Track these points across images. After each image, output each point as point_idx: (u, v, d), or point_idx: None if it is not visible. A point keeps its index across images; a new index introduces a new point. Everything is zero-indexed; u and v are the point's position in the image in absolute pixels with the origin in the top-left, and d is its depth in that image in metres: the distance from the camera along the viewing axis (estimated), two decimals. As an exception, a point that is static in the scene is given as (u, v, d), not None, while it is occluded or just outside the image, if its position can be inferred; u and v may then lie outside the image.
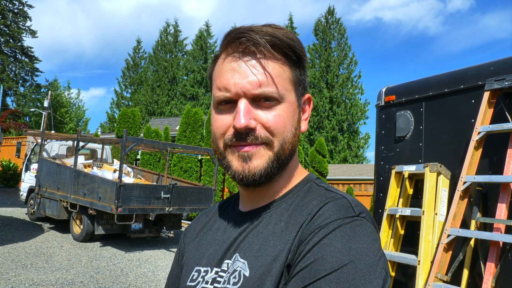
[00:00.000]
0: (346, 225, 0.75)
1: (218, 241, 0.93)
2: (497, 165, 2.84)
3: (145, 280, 7.41)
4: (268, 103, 0.83)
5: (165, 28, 50.21)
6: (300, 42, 0.86)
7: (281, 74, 0.84)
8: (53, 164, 11.44)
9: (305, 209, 0.83)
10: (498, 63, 2.94)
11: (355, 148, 41.86)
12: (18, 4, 40.64)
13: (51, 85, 48.45)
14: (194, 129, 16.63)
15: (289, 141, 0.85)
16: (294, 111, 0.87)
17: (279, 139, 0.84)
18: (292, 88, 0.87)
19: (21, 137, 23.34)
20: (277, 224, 0.85)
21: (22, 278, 6.81)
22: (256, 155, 0.83)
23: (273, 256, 0.80)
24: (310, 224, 0.78)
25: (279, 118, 0.83)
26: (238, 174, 0.85)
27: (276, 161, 0.84)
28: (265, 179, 0.85)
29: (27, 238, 10.14)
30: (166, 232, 10.49)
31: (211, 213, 1.07)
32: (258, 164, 0.83)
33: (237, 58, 0.83)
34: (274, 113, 0.83)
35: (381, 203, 3.58)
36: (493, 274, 2.61)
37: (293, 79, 0.87)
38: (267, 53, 0.83)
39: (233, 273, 0.83)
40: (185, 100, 45.70)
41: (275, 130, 0.83)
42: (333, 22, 44.56)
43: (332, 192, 0.85)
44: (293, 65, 0.87)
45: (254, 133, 0.82)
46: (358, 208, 0.79)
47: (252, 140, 0.83)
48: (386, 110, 3.70)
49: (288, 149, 0.86)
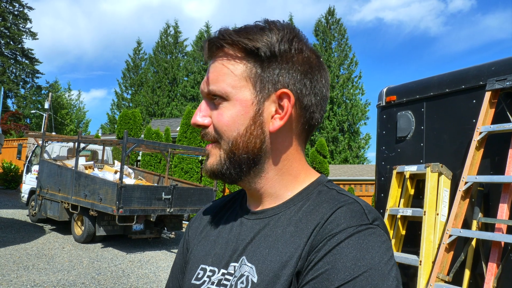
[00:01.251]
0: (360, 233, 0.72)
1: (225, 240, 0.91)
2: (498, 165, 2.84)
3: (146, 281, 7.41)
4: (216, 101, 0.83)
5: (165, 29, 50.23)
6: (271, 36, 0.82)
7: (234, 70, 0.82)
8: (54, 165, 11.45)
9: (316, 213, 0.80)
10: (499, 63, 2.95)
11: (355, 149, 41.83)
12: (18, 6, 40.68)
13: (52, 87, 48.53)
14: (194, 130, 16.63)
15: (238, 140, 0.82)
16: (245, 109, 0.82)
17: (224, 138, 0.83)
18: (247, 85, 0.82)
19: (22, 139, 23.37)
20: (287, 228, 0.82)
21: (24, 280, 6.81)
22: (211, 153, 0.87)
23: (282, 262, 0.77)
24: (322, 230, 0.75)
25: (221, 116, 0.83)
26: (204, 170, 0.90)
27: (228, 160, 0.84)
28: (223, 177, 0.86)
29: (29, 239, 10.14)
30: (167, 233, 10.48)
31: (218, 207, 1.04)
32: (211, 162, 0.86)
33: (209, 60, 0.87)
34: (218, 111, 0.83)
35: (382, 204, 3.58)
36: (494, 275, 2.61)
37: (250, 76, 0.82)
38: (220, 53, 0.84)
39: (240, 278, 0.81)
40: (186, 101, 45.68)
41: (218, 129, 0.83)
42: (333, 22, 44.56)
43: (344, 195, 0.82)
44: (255, 60, 0.82)
45: (205, 132, 0.86)
46: (372, 215, 0.76)
47: (204, 137, 0.87)
48: (387, 110, 3.71)
49: (241, 148, 0.83)
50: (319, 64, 0.88)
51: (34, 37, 42.25)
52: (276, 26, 0.83)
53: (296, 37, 0.84)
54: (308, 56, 0.86)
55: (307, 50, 0.86)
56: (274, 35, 0.82)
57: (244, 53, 0.82)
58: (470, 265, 2.84)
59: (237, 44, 0.82)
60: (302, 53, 0.85)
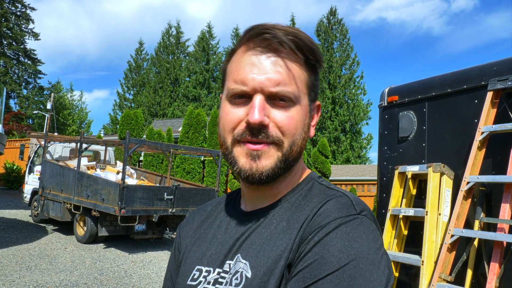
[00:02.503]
0: (347, 223, 0.74)
1: (220, 240, 0.92)
2: (500, 165, 2.84)
3: (148, 281, 7.42)
4: (283, 103, 0.82)
5: (167, 29, 50.31)
6: (319, 48, 0.85)
7: (300, 76, 0.84)
8: (57, 166, 11.47)
9: (306, 207, 0.82)
10: (501, 63, 2.94)
11: (357, 149, 41.80)
12: (21, 7, 40.81)
13: (54, 87, 48.58)
14: (196, 131, 16.65)
15: (298, 143, 0.84)
16: (306, 115, 0.86)
17: (289, 140, 0.82)
18: (307, 92, 0.86)
19: (24, 139, 23.39)
20: (279, 224, 0.84)
21: (26, 280, 6.83)
22: (266, 155, 0.82)
23: (275, 257, 0.79)
24: (311, 223, 0.77)
25: (292, 120, 0.82)
26: (245, 171, 0.83)
27: (283, 162, 0.83)
28: (270, 179, 0.84)
29: (31, 240, 10.17)
30: (170, 233, 10.49)
31: (209, 209, 1.05)
32: (266, 164, 0.82)
33: (259, 53, 0.82)
34: (288, 114, 0.82)
35: (385, 204, 3.58)
36: (497, 274, 2.60)
37: (308, 83, 0.86)
38: (290, 53, 0.82)
39: (235, 274, 0.82)
40: (188, 102, 45.73)
41: (287, 131, 0.82)
42: (335, 22, 44.54)
43: (333, 190, 0.85)
44: (310, 69, 0.86)
45: (266, 131, 0.81)
46: (360, 206, 0.78)
47: (263, 138, 0.81)
48: (389, 110, 3.70)
49: (296, 151, 0.85)
50: None
51: (37, 37, 42.35)
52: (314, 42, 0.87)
53: None
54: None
55: None
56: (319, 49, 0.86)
57: (304, 60, 0.85)
58: (472, 265, 2.83)
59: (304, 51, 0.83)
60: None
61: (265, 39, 0.81)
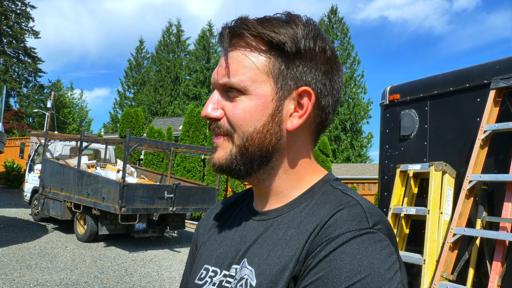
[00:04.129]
0: (357, 238, 0.70)
1: (229, 241, 0.91)
2: (503, 164, 2.83)
3: (149, 280, 7.42)
4: (232, 94, 0.81)
5: (167, 28, 50.26)
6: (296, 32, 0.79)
7: (251, 65, 0.80)
8: (57, 164, 11.47)
9: (317, 215, 0.78)
10: (504, 61, 2.93)
11: (358, 148, 41.80)
12: (21, 5, 40.74)
13: (54, 86, 48.59)
14: (197, 129, 16.64)
15: (253, 136, 0.80)
16: (263, 104, 0.80)
17: (238, 133, 0.80)
18: (268, 80, 0.80)
19: (24, 138, 23.40)
20: (288, 230, 0.81)
21: (27, 279, 6.83)
22: (220, 146, 0.83)
23: (281, 266, 0.76)
24: (320, 234, 0.73)
25: (238, 110, 0.80)
26: (209, 163, 0.86)
27: (240, 156, 0.81)
28: (231, 172, 0.83)
29: (31, 238, 10.17)
30: (170, 232, 10.49)
31: (226, 207, 1.04)
32: (220, 155, 0.83)
33: (223, 50, 0.84)
34: (233, 104, 0.81)
35: (386, 202, 3.57)
36: (499, 273, 2.60)
37: (272, 70, 0.80)
38: (242, 43, 0.80)
39: (240, 281, 0.80)
40: (188, 100, 45.70)
41: (232, 122, 0.80)
42: (336, 21, 44.51)
43: (347, 196, 0.79)
44: (278, 56, 0.80)
45: (217, 123, 0.82)
46: (374, 218, 0.73)
47: (215, 130, 0.83)
48: (391, 109, 3.70)
49: (255, 144, 0.81)
50: (338, 65, 0.86)
51: (37, 36, 42.31)
52: (301, 21, 0.81)
53: (320, 35, 0.82)
54: (329, 56, 0.83)
55: (329, 50, 0.83)
56: (300, 30, 0.79)
57: (268, 46, 0.80)
58: (475, 264, 2.83)
59: (261, 36, 0.79)
60: (325, 52, 0.83)
61: (221, 38, 0.82)
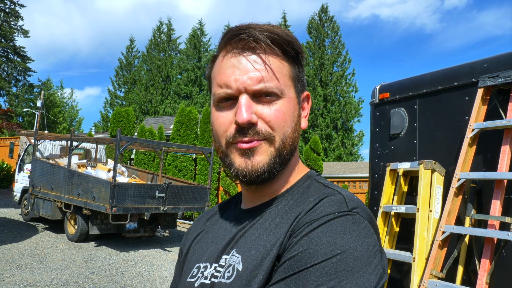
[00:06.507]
0: (336, 219, 0.74)
1: (219, 238, 0.94)
2: (491, 162, 2.85)
3: (140, 279, 7.39)
4: (268, 98, 0.83)
5: (158, 27, 50.05)
6: (298, 40, 0.87)
7: (281, 69, 0.85)
8: (47, 164, 11.37)
9: (301, 205, 0.83)
10: (492, 60, 2.96)
11: (349, 146, 41.92)
12: (10, 4, 40.31)
13: (44, 85, 48.13)
14: (188, 128, 16.59)
15: (289, 136, 0.85)
16: (294, 107, 0.87)
17: (279, 134, 0.83)
18: (292, 84, 0.87)
19: (14, 138, 23.17)
20: (274, 219, 0.85)
21: (17, 279, 6.77)
22: (258, 151, 0.83)
23: (265, 250, 0.80)
24: (303, 218, 0.78)
25: (280, 113, 0.83)
26: (241, 171, 0.84)
27: (278, 157, 0.84)
28: (268, 176, 0.84)
29: (21, 238, 10.08)
30: (161, 231, 10.45)
31: (212, 212, 1.08)
32: (260, 160, 0.83)
33: (237, 54, 0.84)
34: (274, 108, 0.83)
35: (376, 201, 3.59)
36: (487, 271, 2.62)
37: (292, 75, 0.87)
38: (266, 49, 0.83)
39: (227, 268, 0.84)
40: (179, 99, 45.57)
41: (275, 125, 0.83)
42: (326, 20, 44.56)
43: (329, 188, 0.85)
44: (291, 61, 0.88)
45: (255, 128, 0.82)
46: (352, 203, 0.78)
47: (253, 135, 0.82)
48: (380, 107, 3.71)
49: (289, 144, 0.85)
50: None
51: (26, 34, 41.89)
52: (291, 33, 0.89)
53: None
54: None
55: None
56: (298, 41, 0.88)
57: (283, 54, 0.86)
58: (463, 262, 2.85)
59: (279, 42, 0.84)
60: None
61: (241, 39, 0.83)
